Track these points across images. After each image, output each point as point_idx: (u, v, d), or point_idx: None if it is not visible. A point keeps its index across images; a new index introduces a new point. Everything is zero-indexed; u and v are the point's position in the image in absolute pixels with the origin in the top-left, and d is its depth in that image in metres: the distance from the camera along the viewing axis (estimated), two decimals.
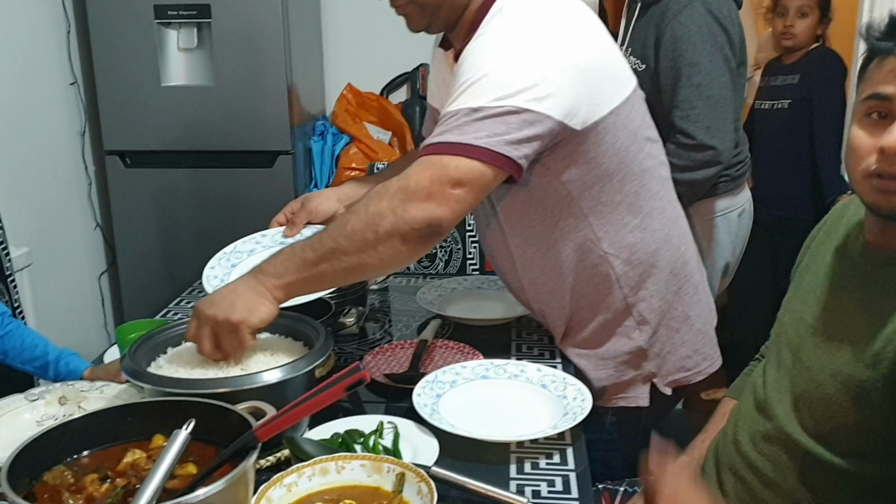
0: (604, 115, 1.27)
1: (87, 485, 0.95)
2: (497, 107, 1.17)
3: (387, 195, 1.18)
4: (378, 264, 1.20)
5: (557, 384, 1.32)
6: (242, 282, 1.22)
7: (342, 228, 1.19)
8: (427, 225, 1.17)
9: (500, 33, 1.24)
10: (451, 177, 1.17)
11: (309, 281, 1.21)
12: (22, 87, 2.64)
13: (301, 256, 1.20)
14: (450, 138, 1.18)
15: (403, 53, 3.18)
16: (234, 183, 2.90)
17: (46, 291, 2.64)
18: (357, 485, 1.04)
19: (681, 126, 1.98)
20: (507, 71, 1.19)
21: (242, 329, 1.18)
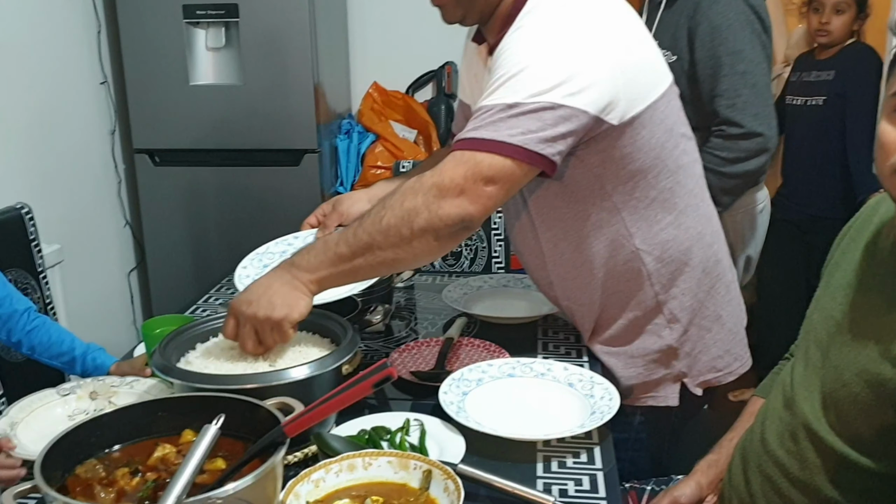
0: (641, 110, 1.26)
1: (119, 478, 0.96)
2: (532, 103, 1.17)
3: (421, 191, 1.19)
4: (411, 259, 1.22)
5: (584, 383, 1.32)
6: (276, 276, 1.23)
7: (377, 224, 1.20)
8: (459, 221, 1.18)
9: (536, 28, 1.23)
10: (484, 174, 1.17)
11: (343, 274, 1.23)
12: (54, 86, 2.67)
13: (335, 251, 1.22)
14: (484, 134, 1.18)
15: (429, 51, 3.19)
16: (261, 181, 2.93)
17: (77, 288, 2.67)
18: (384, 481, 1.05)
19: (727, 115, 1.96)
20: (542, 66, 1.19)
21: (285, 325, 1.20)
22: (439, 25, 3.38)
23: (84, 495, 0.93)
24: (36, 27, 2.57)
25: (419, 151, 3.07)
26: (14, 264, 2.07)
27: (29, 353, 1.58)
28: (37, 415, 1.30)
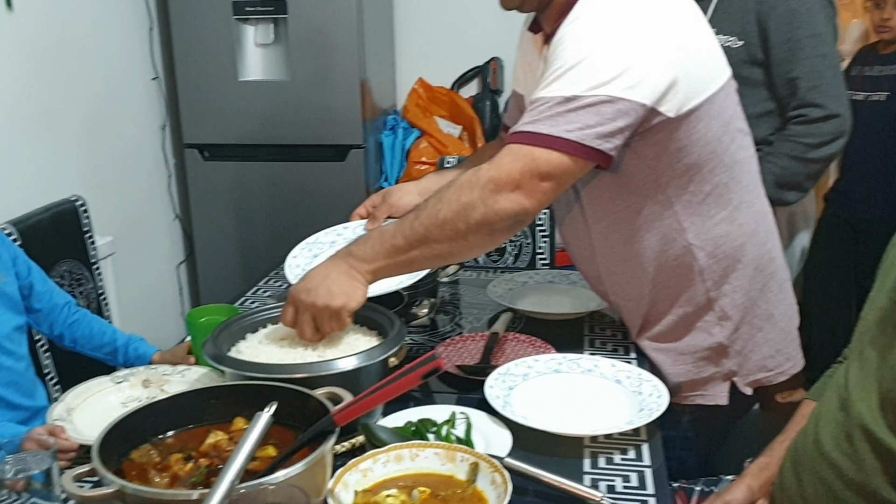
0: (698, 104, 1.25)
1: (172, 464, 0.99)
2: (591, 96, 1.16)
3: (478, 185, 1.19)
4: (465, 251, 1.24)
5: (632, 380, 1.31)
6: (333, 266, 1.25)
7: (434, 217, 1.21)
8: (514, 216, 1.19)
9: (594, 18, 1.22)
10: (540, 170, 1.17)
11: (398, 265, 1.25)
12: (107, 83, 2.73)
13: (392, 242, 1.23)
14: (541, 129, 1.18)
15: (475, 47, 3.19)
16: (307, 176, 2.95)
17: (128, 280, 2.73)
18: (430, 473, 1.05)
19: (809, 98, 1.95)
20: (601, 58, 1.18)
21: (343, 313, 1.23)
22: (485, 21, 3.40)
23: (139, 479, 0.95)
24: (91, 25, 2.63)
25: (463, 147, 3.07)
26: (68, 255, 2.12)
27: (71, 345, 1.62)
28: (92, 401, 1.33)
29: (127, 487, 0.88)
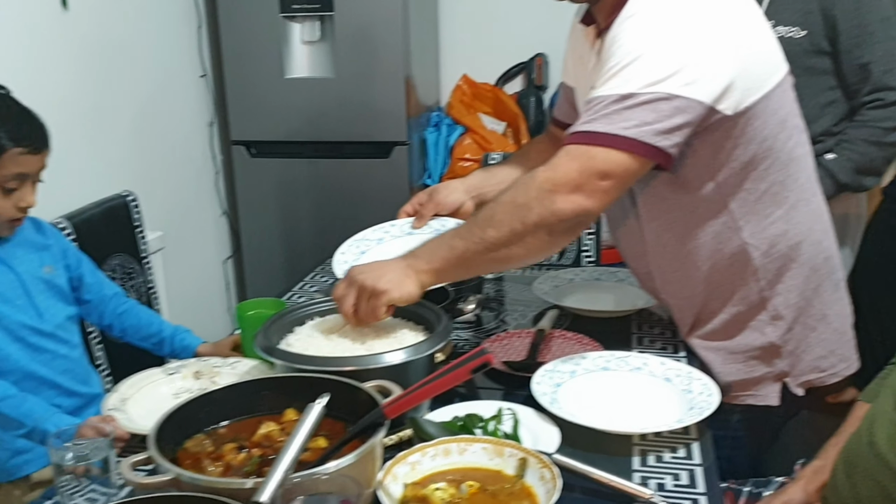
0: (755, 101, 1.23)
1: (226, 453, 1.00)
2: (647, 93, 1.15)
3: (534, 186, 1.19)
4: (524, 255, 1.22)
5: (682, 378, 1.29)
6: (395, 261, 1.27)
7: (490, 219, 1.21)
8: (574, 216, 1.17)
9: (650, 14, 1.20)
10: (599, 169, 1.16)
11: (456, 268, 1.25)
12: (158, 80, 2.78)
13: (450, 244, 1.24)
14: (598, 128, 1.17)
15: (519, 44, 3.18)
16: (351, 173, 2.97)
17: (176, 274, 2.77)
18: (479, 467, 1.06)
19: (885, 81, 1.92)
20: (657, 55, 1.17)
21: (382, 299, 1.23)
22: (530, 17, 3.39)
23: (193, 468, 0.97)
24: (142, 24, 2.68)
25: (507, 143, 3.06)
26: (120, 249, 2.17)
27: (120, 335, 1.66)
28: (145, 391, 1.36)
29: (182, 475, 0.90)
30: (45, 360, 1.50)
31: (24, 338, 1.47)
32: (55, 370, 1.52)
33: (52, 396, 1.49)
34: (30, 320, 1.49)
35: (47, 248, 1.58)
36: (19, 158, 1.39)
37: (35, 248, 1.55)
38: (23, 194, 1.43)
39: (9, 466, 1.45)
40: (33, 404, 1.37)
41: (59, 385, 1.52)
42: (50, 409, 1.38)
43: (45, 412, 1.36)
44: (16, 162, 1.39)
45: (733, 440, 1.42)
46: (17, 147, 1.38)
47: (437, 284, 1.28)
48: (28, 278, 1.51)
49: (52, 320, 1.53)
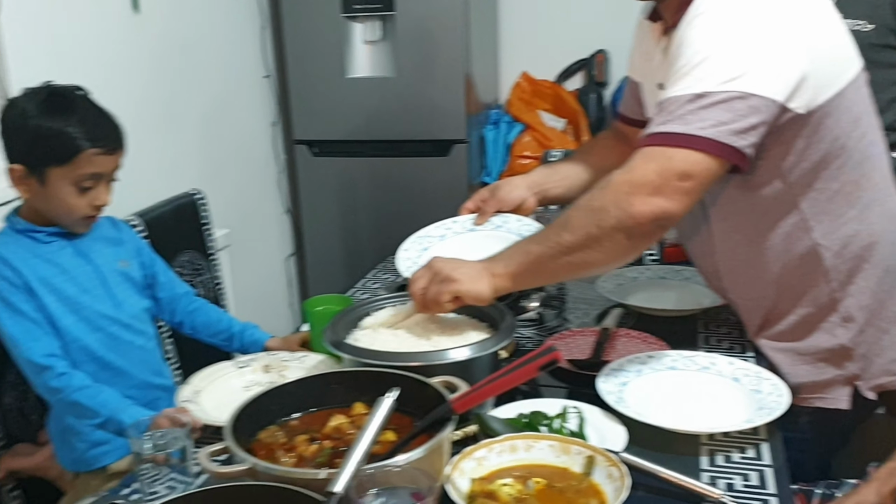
0: (828, 98, 1.21)
1: (298, 444, 1.03)
2: (722, 91, 1.13)
3: (610, 189, 1.17)
4: (602, 260, 1.20)
5: (751, 378, 1.28)
6: (475, 261, 1.28)
7: (566, 224, 1.20)
8: (655, 219, 1.15)
9: (720, 12, 1.19)
10: (678, 170, 1.14)
11: (533, 273, 1.25)
12: (223, 80, 2.84)
13: (526, 249, 1.24)
14: (674, 128, 1.15)
15: (580, 40, 3.16)
16: (411, 171, 3.00)
17: (241, 271, 2.83)
18: (545, 464, 1.06)
19: None
20: (731, 52, 1.15)
21: (451, 286, 1.24)
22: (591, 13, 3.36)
23: (267, 458, 0.99)
24: (208, 25, 2.74)
25: (568, 140, 3.05)
26: (189, 246, 2.23)
27: (191, 332, 1.70)
28: (217, 384, 1.39)
29: (258, 465, 0.92)
30: (122, 350, 1.55)
31: (103, 328, 1.52)
32: (131, 361, 1.56)
33: (126, 387, 1.53)
34: (108, 310, 1.53)
35: (122, 244, 1.63)
36: (95, 159, 1.43)
37: (111, 243, 1.60)
38: (98, 193, 1.47)
39: (87, 457, 1.51)
40: (108, 395, 1.42)
41: (134, 376, 1.57)
42: (124, 400, 1.43)
43: (119, 403, 1.41)
44: (91, 162, 1.43)
45: (801, 442, 1.39)
46: (93, 147, 1.42)
47: (513, 290, 1.28)
48: (106, 270, 1.56)
49: (129, 311, 1.58)
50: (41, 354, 1.42)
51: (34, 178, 1.43)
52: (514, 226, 1.60)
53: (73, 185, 1.43)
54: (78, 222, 1.50)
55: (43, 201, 1.46)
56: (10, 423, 1.63)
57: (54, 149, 1.41)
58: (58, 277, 1.48)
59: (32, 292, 1.45)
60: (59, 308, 1.47)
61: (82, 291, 1.51)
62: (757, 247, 1.34)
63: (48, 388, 1.43)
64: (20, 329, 1.43)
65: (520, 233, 1.58)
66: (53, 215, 1.48)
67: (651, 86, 1.44)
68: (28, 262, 1.46)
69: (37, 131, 1.40)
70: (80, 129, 1.41)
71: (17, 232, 1.49)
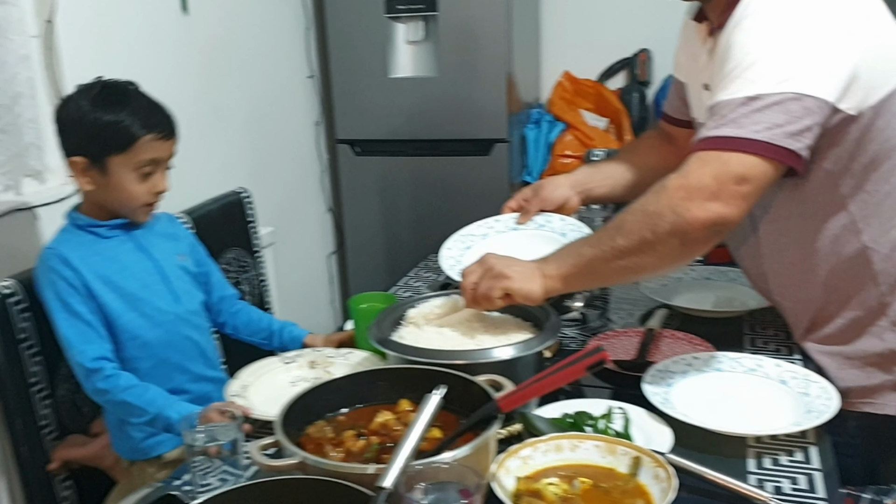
0: (880, 99, 1.19)
1: (346, 440, 1.04)
2: (776, 93, 1.12)
3: (665, 194, 1.16)
4: (656, 264, 1.19)
5: (798, 381, 1.26)
6: (529, 261, 1.29)
7: (620, 228, 1.19)
8: (711, 224, 1.14)
9: (769, 13, 1.18)
10: (735, 174, 1.13)
11: (585, 276, 1.25)
12: (268, 80, 2.88)
13: (578, 252, 1.24)
14: (728, 132, 1.14)
15: (622, 39, 3.14)
16: (452, 170, 3.00)
17: (285, 268, 2.87)
18: (590, 464, 1.06)
19: None
20: (782, 53, 1.14)
21: (503, 282, 1.25)
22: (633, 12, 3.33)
23: (316, 453, 1.01)
24: (254, 26, 2.78)
25: (610, 140, 3.03)
26: (235, 244, 2.27)
27: (232, 332, 1.74)
28: (263, 379, 1.42)
29: (308, 459, 0.94)
30: (180, 345, 1.58)
31: (162, 323, 1.55)
32: (187, 355, 1.60)
33: (182, 381, 1.57)
34: (168, 306, 1.56)
35: (179, 239, 1.67)
36: (152, 144, 1.47)
37: (169, 238, 1.64)
38: (157, 180, 1.51)
39: (143, 447, 1.54)
40: (155, 393, 1.45)
41: (190, 370, 1.60)
42: (170, 396, 1.46)
43: (165, 400, 1.44)
44: (149, 148, 1.47)
45: (849, 447, 1.37)
46: (150, 133, 1.46)
47: (564, 291, 1.28)
48: (165, 265, 1.59)
49: (188, 305, 1.61)
50: (91, 358, 1.45)
51: (96, 170, 1.47)
52: (558, 225, 1.60)
53: (134, 171, 1.47)
54: (139, 210, 1.53)
55: (105, 192, 1.49)
56: (63, 414, 1.67)
57: (113, 138, 1.45)
58: (118, 274, 1.51)
59: (91, 292, 1.48)
60: (119, 306, 1.50)
61: (142, 287, 1.54)
62: (805, 249, 1.32)
63: (96, 390, 1.46)
64: (74, 331, 1.46)
65: (563, 232, 1.58)
66: (116, 205, 1.51)
67: (697, 86, 1.43)
68: (88, 261, 1.49)
69: (95, 123, 1.44)
70: (136, 117, 1.45)
71: (78, 228, 1.52)
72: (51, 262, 1.48)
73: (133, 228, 1.56)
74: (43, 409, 1.63)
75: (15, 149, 1.79)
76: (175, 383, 1.55)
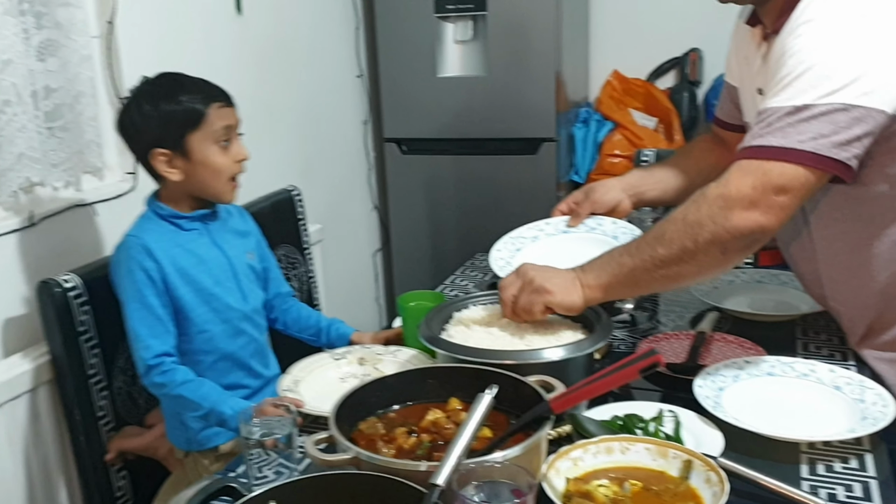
0: None
1: (398, 436, 1.06)
2: (824, 104, 1.11)
3: (705, 203, 1.17)
4: (695, 273, 1.20)
5: (853, 387, 1.24)
6: (567, 270, 1.29)
7: (661, 237, 1.20)
8: (750, 234, 1.15)
9: (825, 21, 1.16)
10: (775, 184, 1.13)
11: (624, 285, 1.25)
12: (319, 80, 2.91)
13: (619, 261, 1.24)
14: (772, 142, 1.14)
15: (672, 38, 3.12)
16: (499, 169, 3.00)
17: (332, 265, 2.90)
18: (641, 467, 1.06)
19: None
20: (833, 64, 1.12)
21: (544, 297, 1.25)
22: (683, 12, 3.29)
23: (369, 448, 1.02)
24: (306, 26, 2.82)
25: (659, 139, 3.01)
26: (286, 241, 2.30)
27: (282, 328, 1.76)
28: (314, 375, 1.44)
29: (362, 454, 0.96)
30: (242, 342, 1.61)
31: (229, 320, 1.58)
32: (248, 352, 1.63)
33: (241, 377, 1.60)
34: (236, 303, 1.59)
35: (248, 236, 1.70)
36: (220, 112, 1.51)
37: (240, 235, 1.67)
38: (236, 148, 1.54)
39: (200, 438, 1.57)
40: (210, 388, 1.48)
41: (249, 367, 1.63)
42: (224, 392, 1.49)
43: (220, 395, 1.47)
44: (218, 116, 1.50)
45: None
46: (214, 103, 1.50)
47: (604, 300, 1.28)
48: (236, 262, 1.62)
49: (253, 304, 1.64)
50: (154, 354, 1.48)
51: (179, 156, 1.49)
52: (609, 228, 1.60)
53: (214, 143, 1.50)
54: (227, 186, 1.55)
55: (193, 176, 1.51)
56: (119, 406, 1.72)
57: (185, 118, 1.48)
58: (195, 268, 1.54)
59: (167, 284, 1.50)
60: (192, 299, 1.53)
61: (215, 283, 1.57)
62: (862, 255, 1.30)
63: (153, 384, 1.50)
64: (143, 325, 1.49)
65: (615, 235, 1.57)
66: (205, 186, 1.53)
67: (750, 90, 1.42)
68: (169, 252, 1.51)
69: (163, 114, 1.48)
70: (196, 94, 1.50)
71: (160, 217, 1.55)
72: (132, 251, 1.50)
73: (210, 221, 1.59)
74: (100, 401, 1.67)
75: (76, 146, 1.83)
76: (233, 379, 1.58)
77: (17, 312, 1.72)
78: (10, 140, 1.65)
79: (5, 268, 1.70)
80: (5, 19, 1.62)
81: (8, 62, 1.63)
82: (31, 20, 1.70)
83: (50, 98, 1.76)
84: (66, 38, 1.78)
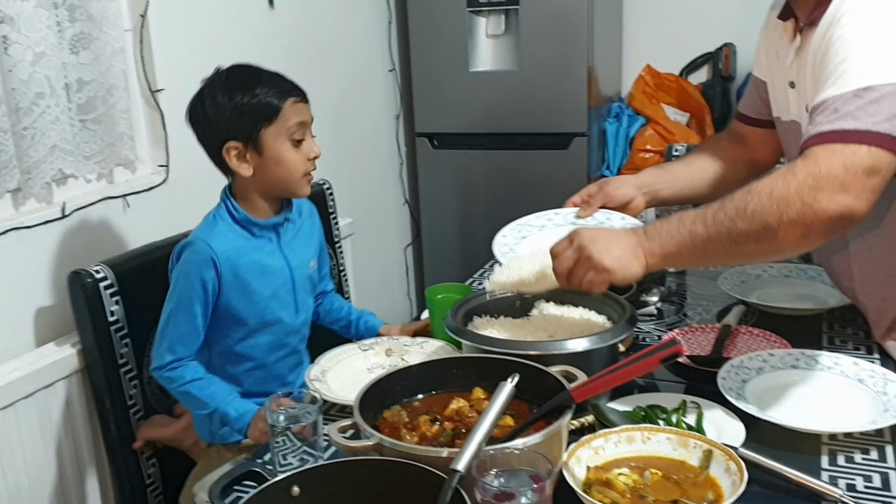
0: None
1: (421, 424, 1.08)
2: (887, 83, 1.09)
3: (794, 180, 1.09)
4: (772, 250, 1.13)
5: (877, 380, 1.24)
6: (625, 237, 1.22)
7: (742, 209, 1.12)
8: (839, 217, 1.08)
9: (869, 5, 1.15)
10: (865, 165, 1.08)
11: (692, 255, 1.18)
12: (351, 74, 2.94)
13: (689, 229, 1.16)
14: (846, 125, 1.10)
15: (705, 33, 3.10)
16: (530, 164, 3.01)
17: (362, 259, 2.93)
18: (662, 456, 1.07)
19: None
20: (888, 44, 1.11)
21: (605, 276, 1.20)
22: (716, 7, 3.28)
23: (392, 435, 1.05)
24: (338, 20, 2.84)
25: (691, 135, 2.99)
26: None
27: (314, 318, 1.76)
28: (342, 365, 1.47)
29: (385, 441, 0.98)
30: (283, 353, 1.62)
31: (275, 332, 1.58)
32: (286, 365, 1.64)
33: (274, 387, 1.56)
34: (288, 318, 1.59)
35: (314, 241, 1.67)
36: (295, 107, 1.49)
37: (307, 241, 1.64)
38: (308, 145, 1.52)
39: (223, 431, 1.58)
40: (218, 387, 1.50)
41: (284, 378, 1.63)
42: (231, 393, 1.50)
43: (226, 396, 1.48)
44: (293, 112, 1.48)
45: None
46: (290, 97, 1.49)
47: (667, 267, 1.23)
48: (297, 275, 1.59)
49: (303, 316, 1.64)
50: (173, 357, 1.49)
51: (252, 150, 1.47)
52: (617, 223, 1.59)
53: (287, 139, 1.48)
54: (301, 182, 1.52)
55: (265, 172, 1.48)
56: (149, 395, 1.75)
57: (260, 112, 1.46)
58: (257, 280, 1.52)
59: (223, 292, 1.49)
60: (246, 308, 1.53)
61: (273, 296, 1.55)
62: (894, 248, 1.29)
63: (163, 378, 1.51)
64: (178, 328, 1.48)
65: None
66: (277, 182, 1.50)
67: (781, 84, 1.41)
68: (233, 263, 1.49)
69: (238, 106, 1.45)
70: (272, 87, 1.48)
71: (234, 220, 1.51)
72: (197, 256, 1.47)
73: (280, 229, 1.56)
74: (131, 390, 1.70)
75: (108, 139, 1.87)
76: (266, 388, 1.57)
77: (48, 303, 1.76)
78: (42, 132, 1.69)
79: (38, 258, 1.74)
80: (39, 12, 1.66)
81: (41, 55, 1.67)
82: (65, 13, 1.74)
83: (83, 90, 1.80)
84: (98, 31, 1.81)
